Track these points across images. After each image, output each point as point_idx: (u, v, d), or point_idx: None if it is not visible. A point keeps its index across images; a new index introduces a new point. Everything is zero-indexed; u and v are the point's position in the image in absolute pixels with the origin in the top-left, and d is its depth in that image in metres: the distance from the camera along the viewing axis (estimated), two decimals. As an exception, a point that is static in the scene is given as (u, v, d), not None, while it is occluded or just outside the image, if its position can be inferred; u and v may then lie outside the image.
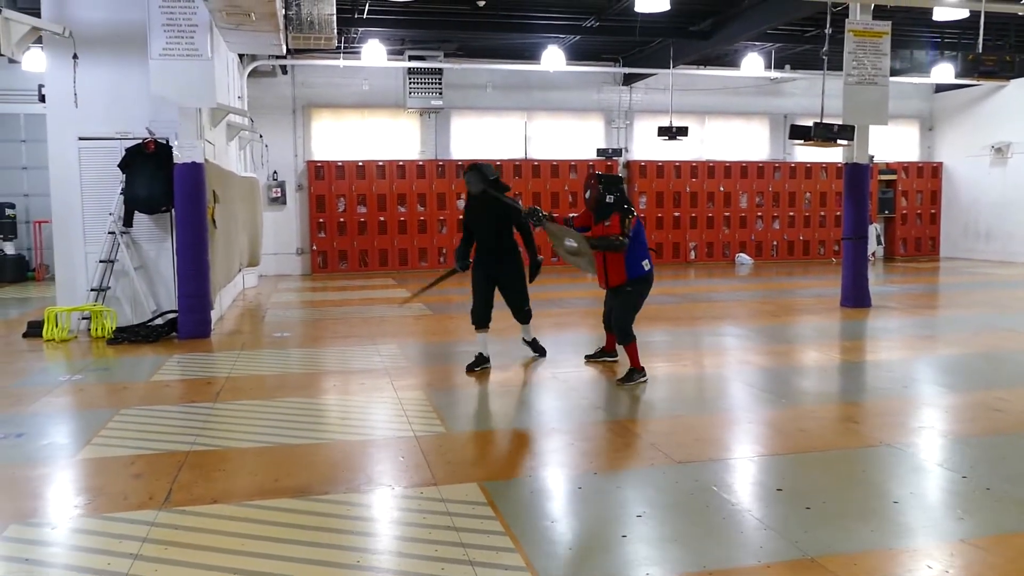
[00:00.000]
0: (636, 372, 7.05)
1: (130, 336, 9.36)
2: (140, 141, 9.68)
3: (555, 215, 7.50)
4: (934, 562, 3.58)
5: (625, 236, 6.91)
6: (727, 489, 4.52)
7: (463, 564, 3.55)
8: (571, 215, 7.61)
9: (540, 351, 8.22)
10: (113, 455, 5.19)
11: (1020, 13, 12.15)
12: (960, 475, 4.69)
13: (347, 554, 3.70)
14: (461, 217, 7.70)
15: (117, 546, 3.77)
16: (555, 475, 4.82)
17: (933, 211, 21.70)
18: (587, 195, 7.17)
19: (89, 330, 9.71)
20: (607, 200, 6.99)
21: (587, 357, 7.97)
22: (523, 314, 7.92)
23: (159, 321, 9.80)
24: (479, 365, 7.66)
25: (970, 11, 12.21)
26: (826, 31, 11.87)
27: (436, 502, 4.28)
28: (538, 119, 19.65)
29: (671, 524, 4.03)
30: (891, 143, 20.65)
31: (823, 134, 11.21)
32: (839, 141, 11.35)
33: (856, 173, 11.80)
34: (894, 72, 11.48)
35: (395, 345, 9.11)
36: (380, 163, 18.40)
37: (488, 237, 7.67)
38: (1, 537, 3.89)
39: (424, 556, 3.64)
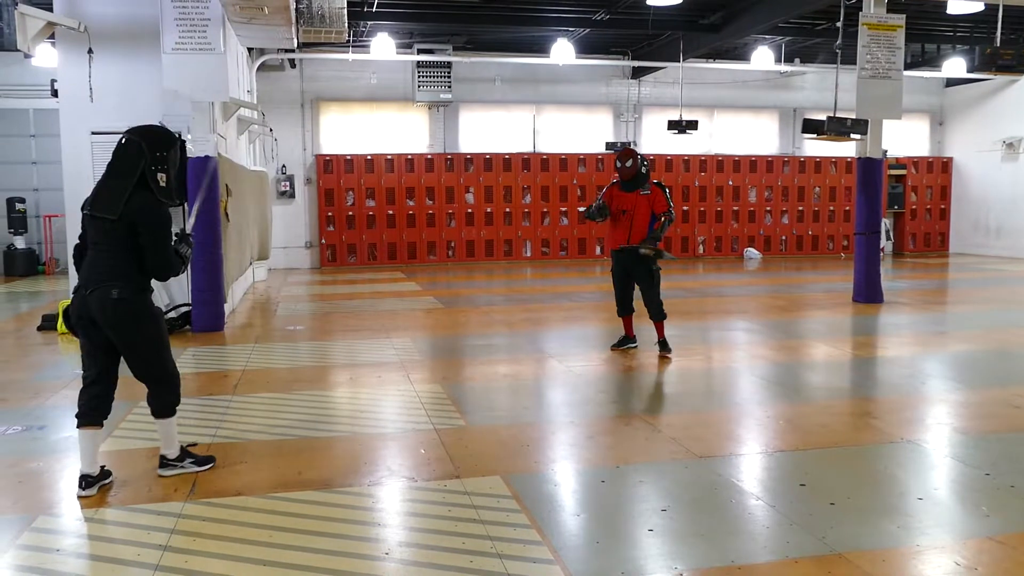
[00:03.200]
0: (666, 343, 7.89)
1: (144, 329, 9.35)
2: (153, 135, 9.67)
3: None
4: (961, 559, 3.58)
5: (672, 211, 7.66)
6: (750, 484, 4.52)
7: (491, 557, 3.56)
8: (596, 204, 7.99)
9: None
10: (135, 447, 5.21)
11: (1035, 7, 12.08)
12: (983, 472, 4.68)
13: (375, 546, 3.71)
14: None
15: (146, 537, 3.78)
16: (578, 468, 4.82)
17: (943, 206, 21.65)
18: (628, 164, 7.65)
19: (103, 323, 9.71)
20: (643, 170, 7.69)
21: (612, 346, 8.26)
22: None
23: (173, 314, 9.82)
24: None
25: (985, 4, 12.16)
26: (839, 24, 11.85)
27: (460, 495, 4.28)
28: (547, 113, 19.63)
29: (696, 518, 4.03)
30: (901, 138, 20.57)
31: (836, 128, 11.18)
32: (852, 135, 11.32)
33: (869, 168, 11.76)
34: (905, 66, 11.43)
35: (408, 338, 9.12)
36: (389, 157, 18.40)
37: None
38: (30, 528, 3.91)
39: (452, 548, 3.65)
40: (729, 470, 4.71)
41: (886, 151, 13.76)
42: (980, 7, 12.29)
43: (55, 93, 11.41)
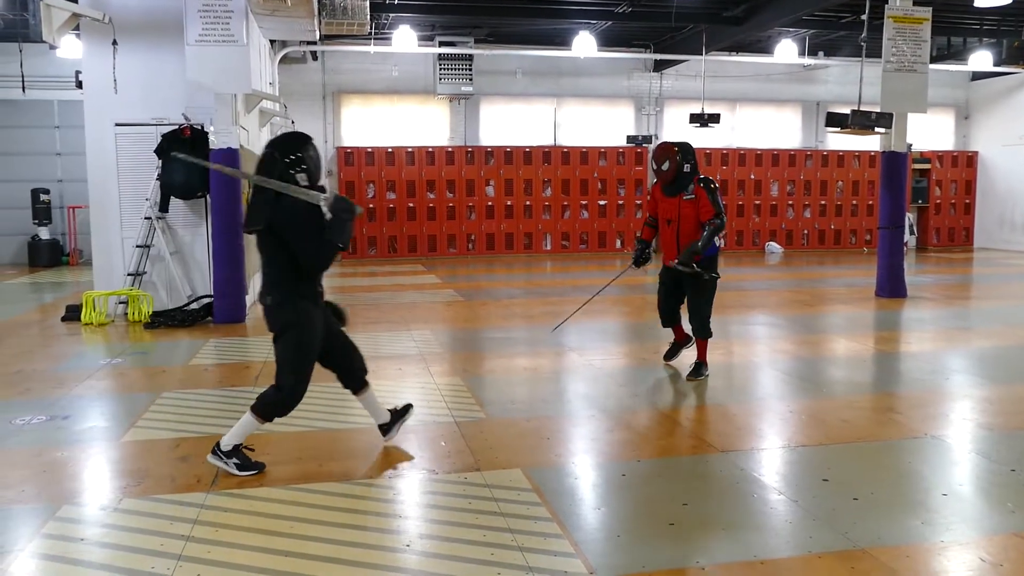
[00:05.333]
0: (703, 366, 6.84)
1: (166, 320, 9.45)
2: (176, 127, 9.75)
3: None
4: (987, 555, 3.54)
5: (721, 214, 6.54)
6: (772, 478, 4.50)
7: (512, 549, 3.56)
8: (642, 243, 7.12)
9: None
10: (158, 438, 5.25)
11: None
12: (1008, 468, 4.63)
13: (396, 537, 3.72)
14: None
15: (169, 527, 3.81)
16: (598, 462, 4.81)
17: (967, 201, 21.42)
18: (665, 166, 6.55)
19: (126, 314, 9.82)
20: (685, 169, 6.55)
21: (665, 357, 7.38)
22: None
23: (195, 306, 9.89)
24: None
25: (1012, -3, 11.99)
26: (864, 17, 11.73)
27: (481, 487, 4.29)
28: (567, 106, 19.57)
29: (718, 513, 4.01)
30: (926, 132, 20.36)
31: (861, 122, 11.08)
32: (877, 129, 11.21)
33: (893, 162, 11.65)
34: (930, 59, 11.30)
35: (428, 331, 9.13)
36: (409, 149, 18.42)
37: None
38: (55, 517, 3.95)
39: (473, 541, 3.65)
40: (751, 464, 4.69)
41: (910, 145, 13.63)
42: (1008, 0, 12.11)
43: (79, 84, 11.52)
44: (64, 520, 3.93)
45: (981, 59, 18.01)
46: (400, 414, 5.13)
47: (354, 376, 4.94)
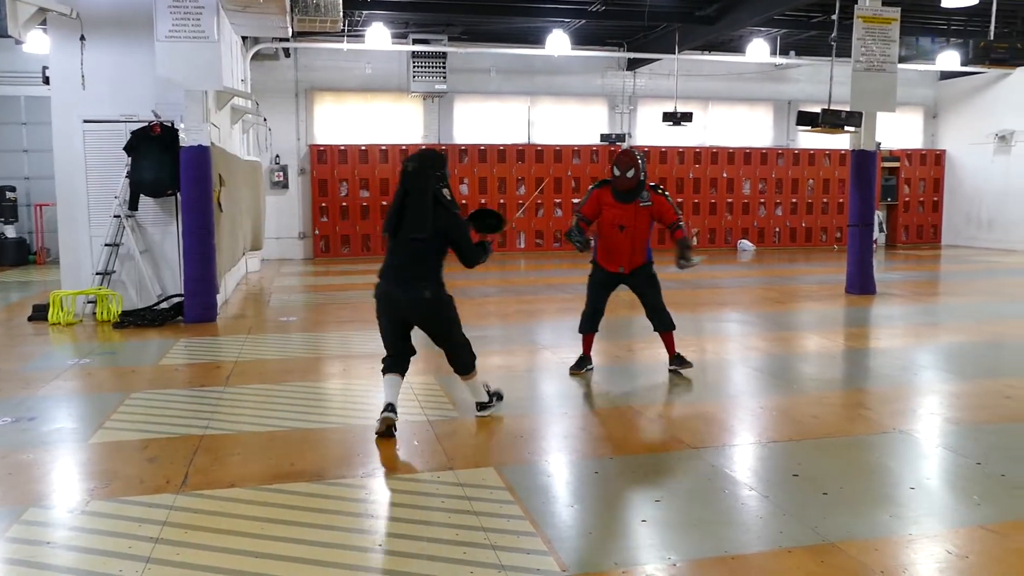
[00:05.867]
0: (682, 356, 6.94)
1: (136, 320, 9.34)
2: (146, 124, 9.64)
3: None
4: (953, 547, 3.59)
5: (680, 216, 6.75)
6: (743, 474, 4.53)
7: (485, 548, 3.55)
8: (580, 227, 6.76)
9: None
10: (126, 439, 5.19)
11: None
12: (974, 462, 4.69)
13: (368, 537, 3.71)
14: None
15: (137, 529, 3.76)
16: (571, 460, 4.82)
17: (936, 199, 21.68)
18: (630, 173, 6.46)
19: (95, 314, 9.68)
20: (642, 177, 6.54)
21: (572, 370, 6.96)
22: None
23: (165, 305, 9.79)
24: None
25: (979, -3, 12.16)
26: (834, 17, 11.84)
27: (454, 486, 4.28)
28: (541, 104, 19.58)
29: (690, 509, 4.03)
30: (895, 130, 20.58)
31: (831, 120, 11.18)
32: (847, 128, 11.32)
33: (863, 160, 11.77)
34: (899, 59, 11.43)
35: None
36: (383, 147, 18.35)
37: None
38: (20, 520, 3.89)
39: (445, 540, 3.64)
40: (723, 461, 4.72)
41: (880, 143, 13.75)
42: (974, 1, 12.28)
43: (47, 80, 11.34)
44: (30, 523, 3.87)
45: (949, 59, 18.25)
46: (497, 396, 5.77)
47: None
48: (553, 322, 9.64)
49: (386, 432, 5.09)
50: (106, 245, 9.77)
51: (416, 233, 5.09)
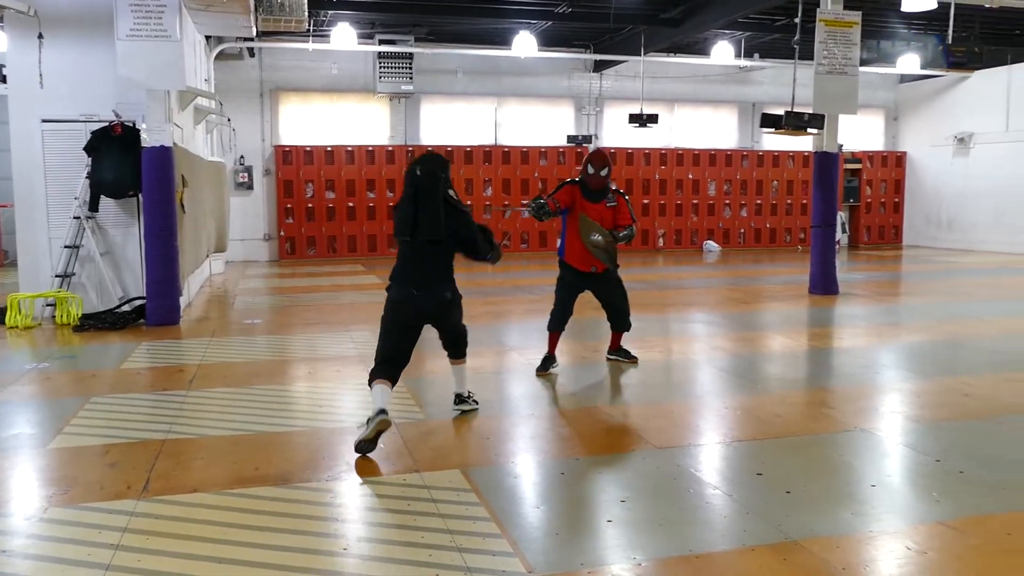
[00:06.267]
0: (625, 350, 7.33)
1: (96, 323, 9.20)
2: (107, 124, 9.50)
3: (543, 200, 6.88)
4: (913, 543, 3.64)
5: (635, 222, 6.87)
6: (708, 474, 4.56)
7: (451, 550, 3.54)
8: (542, 198, 6.90)
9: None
10: (86, 444, 5.10)
11: (987, 5, 12.30)
12: (934, 459, 4.77)
13: (333, 541, 3.68)
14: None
15: (97, 536, 3.70)
16: (537, 461, 4.82)
17: (897, 200, 22.01)
18: (604, 172, 6.65)
19: (54, 317, 9.52)
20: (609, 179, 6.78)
21: (539, 371, 6.97)
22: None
23: (126, 308, 9.65)
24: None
25: (938, 2, 12.35)
26: (797, 20, 11.97)
27: (419, 488, 4.26)
28: (508, 105, 19.60)
29: (655, 508, 4.05)
30: (857, 132, 20.88)
31: (794, 123, 11.31)
32: (809, 130, 11.45)
33: (825, 162, 11.92)
34: (861, 62, 11.59)
35: (368, 332, 9.03)
36: (349, 148, 18.25)
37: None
38: (-24, 527, 3.81)
39: (411, 543, 3.63)
40: (688, 460, 4.74)
41: (842, 145, 13.96)
42: (933, 5, 12.48)
43: (3, 79, 11.15)
44: (-14, 530, 3.80)
45: (909, 62, 18.54)
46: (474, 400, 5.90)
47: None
48: (520, 323, 9.64)
49: (373, 440, 4.80)
50: (66, 247, 9.61)
51: (432, 236, 5.19)
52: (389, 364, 5.21)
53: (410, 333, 5.29)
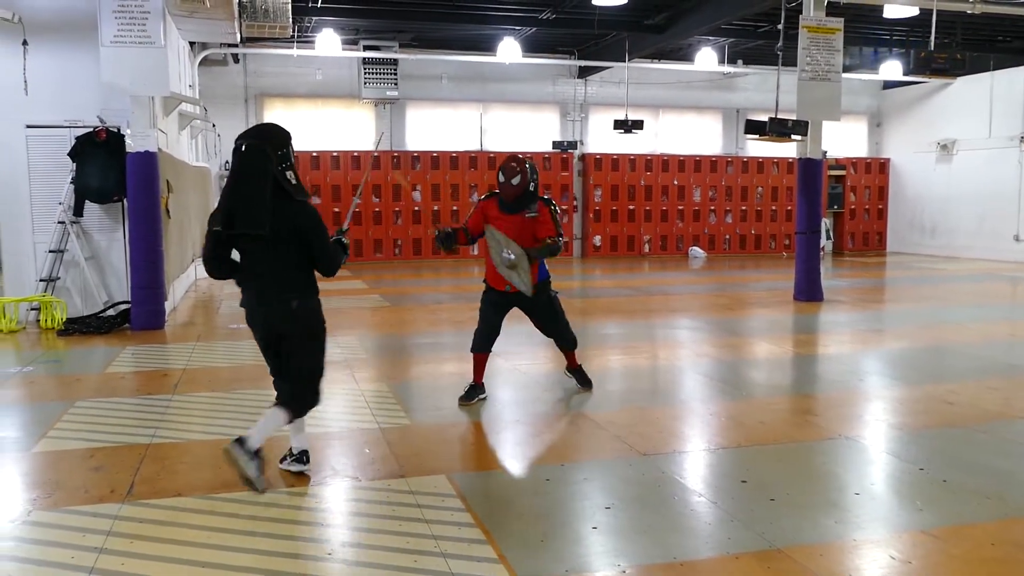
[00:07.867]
0: (579, 370, 6.66)
1: (81, 327, 9.16)
2: (91, 129, 9.47)
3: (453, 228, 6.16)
4: (896, 552, 3.66)
5: (561, 234, 6.02)
6: (693, 481, 4.58)
7: (436, 556, 3.55)
8: (454, 228, 6.17)
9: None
10: (70, 448, 5.08)
11: (969, 11, 12.42)
12: (917, 467, 4.80)
13: (318, 546, 3.68)
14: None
15: (80, 540, 3.69)
16: (523, 467, 4.84)
17: (880, 206, 22.16)
18: (515, 181, 5.92)
19: (38, 321, 9.48)
20: (531, 188, 6.01)
21: (461, 400, 6.23)
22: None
23: (111, 312, 9.61)
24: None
25: (920, 9, 12.47)
26: (780, 27, 12.05)
27: (405, 494, 4.26)
28: (493, 111, 19.64)
29: (640, 515, 4.06)
30: (840, 139, 21.02)
31: (778, 129, 11.37)
32: (793, 136, 11.52)
33: (809, 168, 12.00)
34: (844, 68, 11.68)
35: (354, 336, 9.04)
36: (335, 154, 18.22)
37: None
38: (-42, 534, 3.79)
39: (396, 548, 3.63)
40: (672, 467, 4.77)
41: (826, 152, 14.06)
42: (915, 11, 12.61)
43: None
44: (-32, 537, 3.78)
45: (892, 68, 18.71)
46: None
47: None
48: (506, 328, 9.62)
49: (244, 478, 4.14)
50: (50, 251, 9.56)
51: (251, 229, 4.08)
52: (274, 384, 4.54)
53: (271, 354, 4.51)
